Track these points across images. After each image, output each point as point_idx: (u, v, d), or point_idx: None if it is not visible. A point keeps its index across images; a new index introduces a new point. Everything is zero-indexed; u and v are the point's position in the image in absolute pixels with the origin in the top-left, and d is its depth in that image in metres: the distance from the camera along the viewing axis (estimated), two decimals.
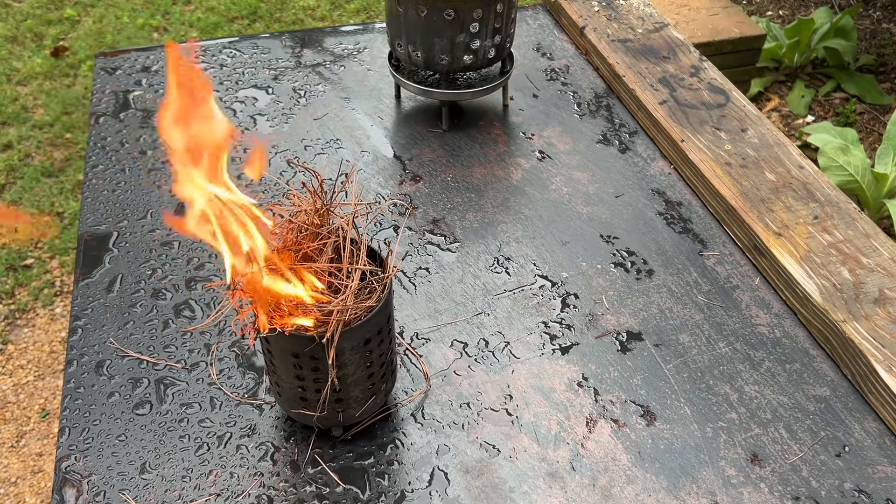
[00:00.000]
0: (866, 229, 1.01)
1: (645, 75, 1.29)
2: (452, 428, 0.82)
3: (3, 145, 2.36)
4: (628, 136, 1.23)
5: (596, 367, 0.89)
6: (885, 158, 2.09)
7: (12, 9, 2.99)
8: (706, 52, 2.18)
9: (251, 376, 0.87)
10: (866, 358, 0.85)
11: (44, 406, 1.75)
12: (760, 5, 3.18)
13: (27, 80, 2.63)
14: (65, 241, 2.09)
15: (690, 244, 1.05)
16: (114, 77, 1.32)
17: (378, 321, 0.72)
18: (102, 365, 0.87)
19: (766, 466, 0.80)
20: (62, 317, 1.92)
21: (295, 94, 1.30)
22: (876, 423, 0.84)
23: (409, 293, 0.97)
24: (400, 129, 1.24)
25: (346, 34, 1.46)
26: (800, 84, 2.67)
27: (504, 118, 1.27)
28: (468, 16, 1.09)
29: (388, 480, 0.78)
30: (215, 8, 3.05)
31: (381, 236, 1.05)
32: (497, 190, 1.13)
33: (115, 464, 0.78)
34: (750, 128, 1.18)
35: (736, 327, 0.94)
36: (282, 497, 0.76)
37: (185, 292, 0.96)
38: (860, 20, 3.01)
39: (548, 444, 0.81)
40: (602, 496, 0.77)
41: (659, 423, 0.83)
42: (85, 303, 0.94)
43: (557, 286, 0.98)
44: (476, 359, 0.89)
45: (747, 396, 0.86)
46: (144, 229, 1.04)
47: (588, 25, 1.41)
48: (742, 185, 1.08)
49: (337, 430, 0.80)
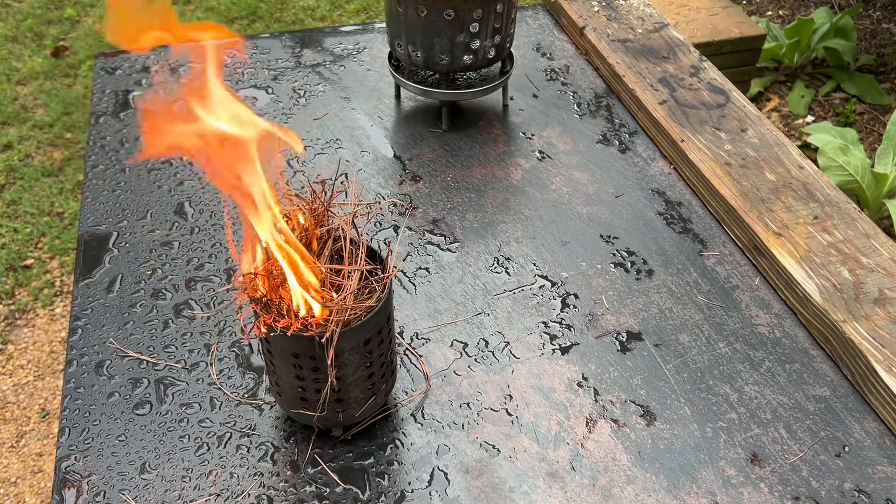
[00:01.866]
0: (866, 229, 1.01)
1: (645, 75, 1.29)
2: (452, 428, 0.82)
3: (3, 145, 2.36)
4: (628, 136, 1.23)
5: (596, 367, 0.89)
6: (885, 158, 2.08)
7: (12, 9, 2.99)
8: (706, 52, 2.18)
9: (251, 376, 0.87)
10: (866, 358, 0.85)
11: (44, 406, 1.75)
12: (760, 5, 3.18)
13: (27, 80, 2.63)
14: (65, 241, 2.09)
15: (690, 244, 1.05)
16: (114, 77, 1.32)
17: (378, 321, 0.72)
18: (102, 365, 0.87)
19: (766, 466, 0.80)
20: (62, 317, 1.92)
21: (295, 94, 1.30)
22: (876, 423, 0.84)
23: (409, 293, 0.97)
24: (400, 129, 1.24)
25: (346, 34, 1.46)
26: (800, 84, 2.67)
27: (504, 118, 1.27)
28: (468, 16, 1.09)
29: (388, 480, 0.78)
30: (215, 8, 3.05)
31: (381, 236, 1.05)
32: (497, 190, 1.13)
33: (115, 464, 0.78)
34: (750, 128, 1.18)
35: (736, 327, 0.94)
36: (282, 497, 0.76)
37: (185, 292, 0.96)
38: (860, 20, 3.01)
39: (548, 444, 0.81)
40: (602, 496, 0.77)
41: (659, 423, 0.83)
42: (85, 303, 0.94)
43: (557, 286, 0.98)
44: (476, 359, 0.89)
45: (747, 396, 0.86)
46: (144, 229, 1.04)
47: (588, 25, 1.41)
48: (742, 185, 1.08)
49: (337, 431, 0.80)
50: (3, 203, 2.18)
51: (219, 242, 1.03)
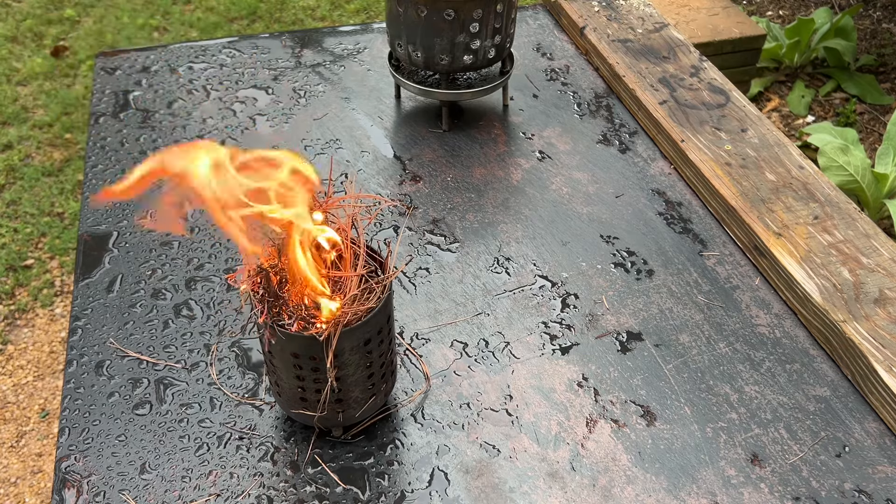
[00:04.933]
0: (866, 229, 1.01)
1: (645, 75, 1.29)
2: (452, 428, 0.82)
3: (3, 145, 2.36)
4: (628, 136, 1.23)
5: (596, 367, 0.89)
6: (885, 158, 2.09)
7: (12, 9, 2.99)
8: (706, 52, 2.18)
9: (251, 376, 0.87)
10: (866, 358, 0.85)
11: (44, 406, 1.75)
12: (760, 5, 3.18)
13: (27, 80, 2.63)
14: (65, 241, 2.09)
15: (690, 244, 1.05)
16: (114, 77, 1.32)
17: (378, 321, 0.72)
18: (102, 365, 0.87)
19: (766, 467, 0.80)
20: (62, 317, 1.92)
21: (295, 94, 1.30)
22: (876, 423, 0.84)
23: (409, 293, 0.97)
24: (400, 129, 1.24)
25: (346, 34, 1.46)
26: (800, 84, 2.67)
27: (504, 118, 1.27)
28: (468, 16, 1.09)
29: (388, 480, 0.78)
30: (215, 8, 3.05)
31: (381, 236, 1.05)
32: (497, 190, 1.13)
33: (115, 464, 0.78)
34: (750, 128, 1.18)
35: (736, 327, 0.94)
36: (282, 497, 0.76)
37: (185, 292, 0.96)
38: (860, 20, 3.01)
39: (548, 445, 0.81)
40: (602, 496, 0.77)
41: (659, 424, 0.83)
42: (85, 303, 0.94)
43: (557, 286, 0.98)
44: (476, 359, 0.89)
45: (747, 397, 0.86)
46: (144, 229, 1.04)
47: (588, 25, 1.41)
48: (742, 186, 1.08)
49: (337, 431, 0.80)
50: (3, 203, 2.18)
51: (219, 242, 1.03)
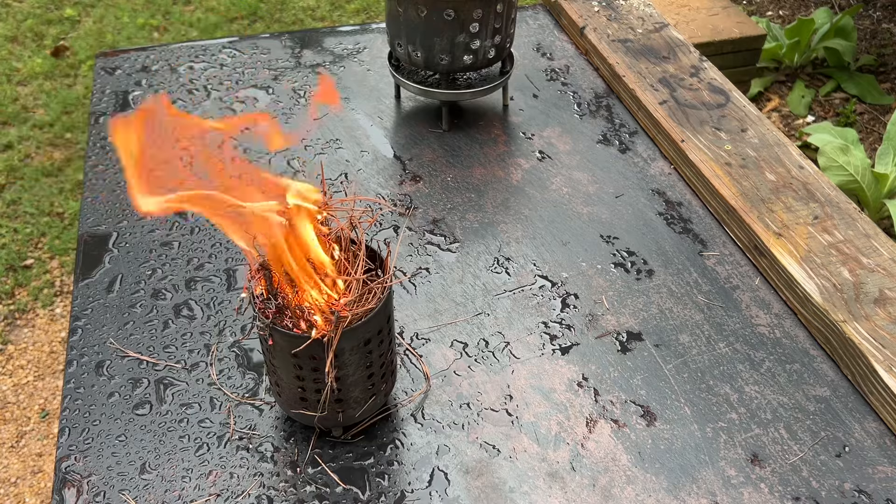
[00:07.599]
0: (866, 229, 1.01)
1: (645, 75, 1.29)
2: (452, 428, 0.82)
3: (3, 145, 2.36)
4: (628, 136, 1.23)
5: (596, 367, 0.89)
6: (885, 158, 2.08)
7: (12, 9, 2.99)
8: (706, 52, 2.18)
9: (251, 376, 0.87)
10: (866, 358, 0.85)
11: (44, 406, 1.75)
12: (760, 5, 3.18)
13: (27, 80, 2.63)
14: (65, 242, 2.09)
15: (690, 244, 1.05)
16: (114, 77, 1.32)
17: (378, 321, 0.72)
18: (102, 365, 0.87)
19: (766, 467, 0.80)
20: (62, 317, 1.92)
21: (295, 94, 1.30)
22: (876, 423, 0.84)
23: (409, 293, 0.97)
24: (400, 129, 1.24)
25: (346, 34, 1.46)
26: (800, 84, 2.67)
27: (504, 118, 1.27)
28: (468, 16, 1.09)
29: (388, 480, 0.78)
30: (215, 8, 3.05)
31: (381, 236, 1.05)
32: (497, 190, 1.13)
33: (115, 464, 0.78)
34: (750, 128, 1.18)
35: (736, 327, 0.94)
36: (282, 497, 0.76)
37: (185, 292, 0.96)
38: (860, 20, 3.01)
39: (548, 445, 0.81)
40: (602, 496, 0.77)
41: (659, 424, 0.83)
42: (85, 303, 0.94)
43: (557, 286, 0.98)
44: (476, 359, 0.89)
45: (747, 397, 0.86)
46: (144, 229, 1.04)
47: (588, 25, 1.41)
48: (742, 186, 1.08)
49: (337, 431, 0.80)
50: (3, 203, 2.18)
51: (219, 242, 1.03)
